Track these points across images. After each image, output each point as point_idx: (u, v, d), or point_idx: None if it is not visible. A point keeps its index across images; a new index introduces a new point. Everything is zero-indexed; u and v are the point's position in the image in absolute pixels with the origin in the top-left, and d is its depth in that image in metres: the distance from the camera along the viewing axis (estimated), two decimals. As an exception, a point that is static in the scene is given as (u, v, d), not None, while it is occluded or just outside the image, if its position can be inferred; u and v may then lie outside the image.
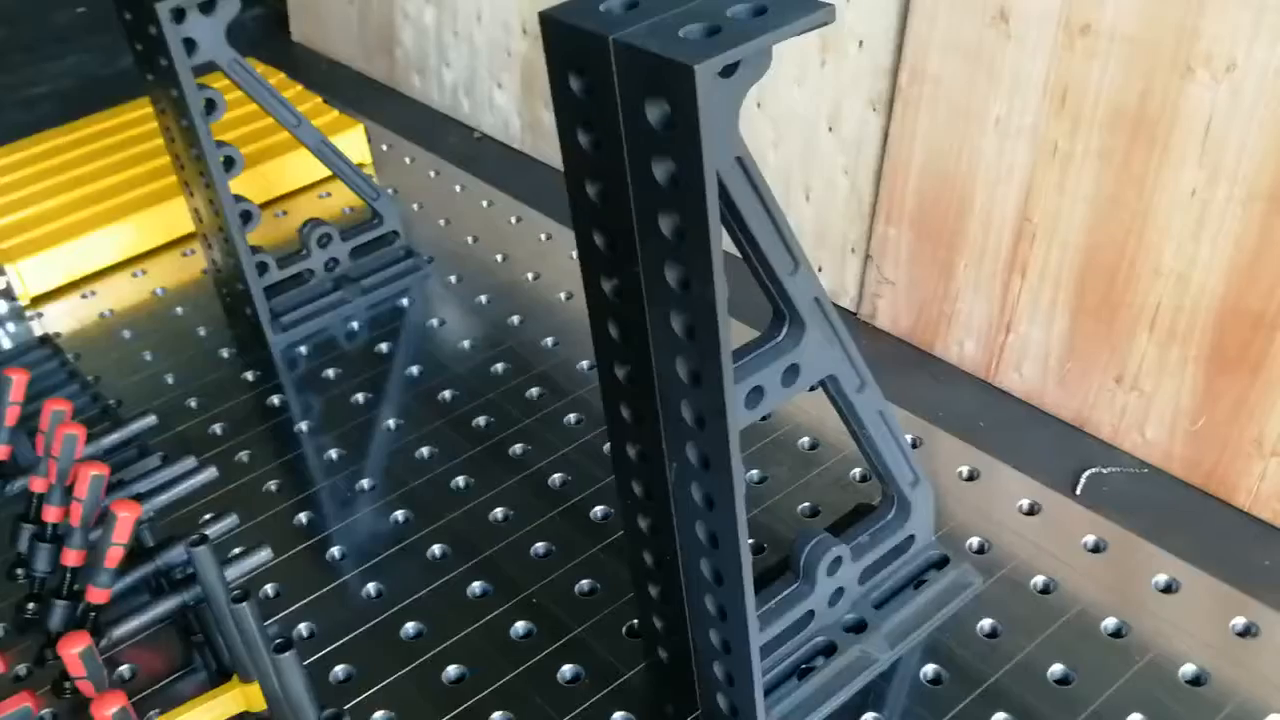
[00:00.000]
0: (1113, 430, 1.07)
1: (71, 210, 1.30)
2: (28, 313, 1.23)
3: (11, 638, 0.82)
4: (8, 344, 1.19)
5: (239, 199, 1.07)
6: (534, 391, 1.03)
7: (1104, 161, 1.00)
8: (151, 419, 0.94)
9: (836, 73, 1.20)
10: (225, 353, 1.13)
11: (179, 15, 0.98)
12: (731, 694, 0.70)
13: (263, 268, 1.12)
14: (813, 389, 0.68)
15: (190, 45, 0.99)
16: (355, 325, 1.15)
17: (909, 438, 0.91)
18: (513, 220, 1.28)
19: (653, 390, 0.61)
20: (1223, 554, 0.87)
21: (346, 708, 0.76)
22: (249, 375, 1.10)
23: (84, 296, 1.24)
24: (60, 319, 1.22)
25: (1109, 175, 1.00)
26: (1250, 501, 0.99)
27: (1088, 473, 1.05)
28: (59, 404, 0.84)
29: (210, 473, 0.88)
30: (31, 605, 0.82)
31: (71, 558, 0.78)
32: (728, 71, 0.51)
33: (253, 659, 0.69)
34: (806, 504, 0.88)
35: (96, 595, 0.75)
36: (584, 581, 0.84)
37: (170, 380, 1.10)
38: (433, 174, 1.40)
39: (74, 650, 0.68)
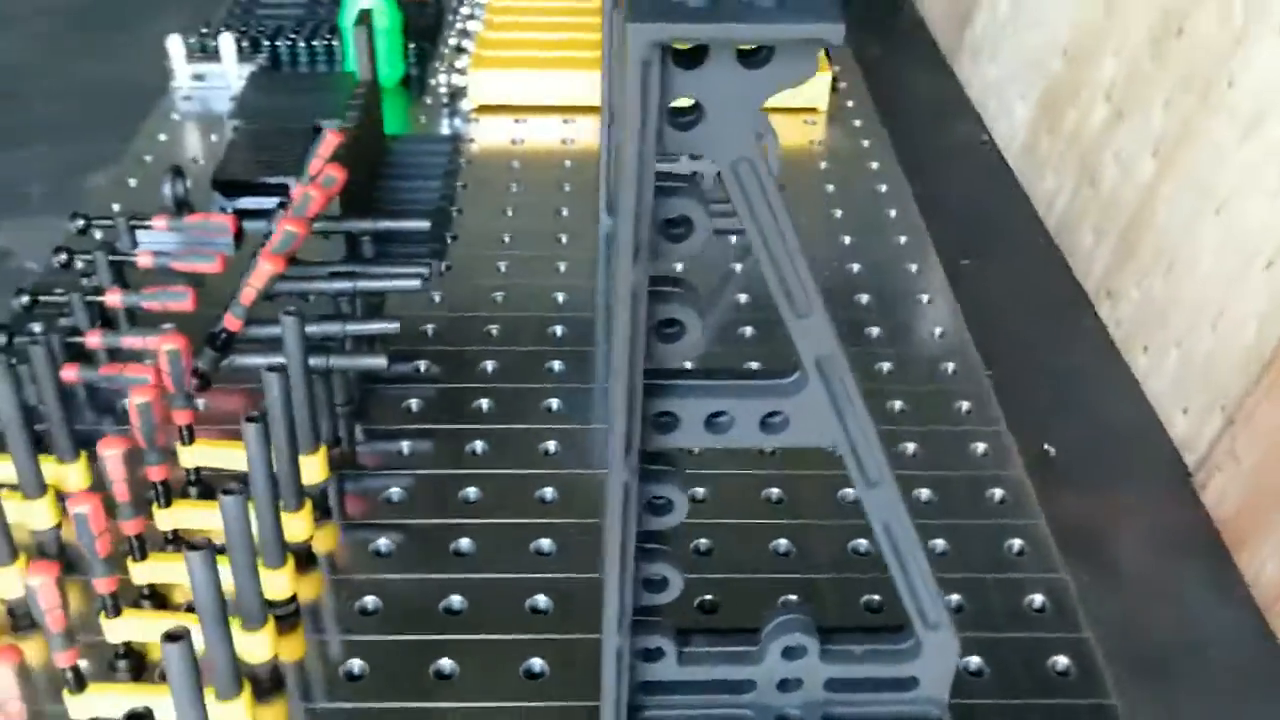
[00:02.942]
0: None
1: (551, 47, 1.39)
2: (468, 118, 1.35)
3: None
4: (447, 130, 1.32)
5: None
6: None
7: None
8: (424, 224, 1.01)
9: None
10: (563, 235, 1.18)
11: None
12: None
13: (628, 153, 1.15)
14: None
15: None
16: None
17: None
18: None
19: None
20: None
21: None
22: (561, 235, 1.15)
23: (516, 121, 1.34)
24: (484, 132, 1.32)
25: None
26: None
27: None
28: (334, 170, 0.92)
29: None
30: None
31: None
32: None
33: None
34: (875, 597, 0.77)
35: (232, 323, 0.83)
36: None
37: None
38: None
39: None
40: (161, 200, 1.05)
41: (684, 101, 0.48)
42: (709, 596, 0.77)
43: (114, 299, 0.90)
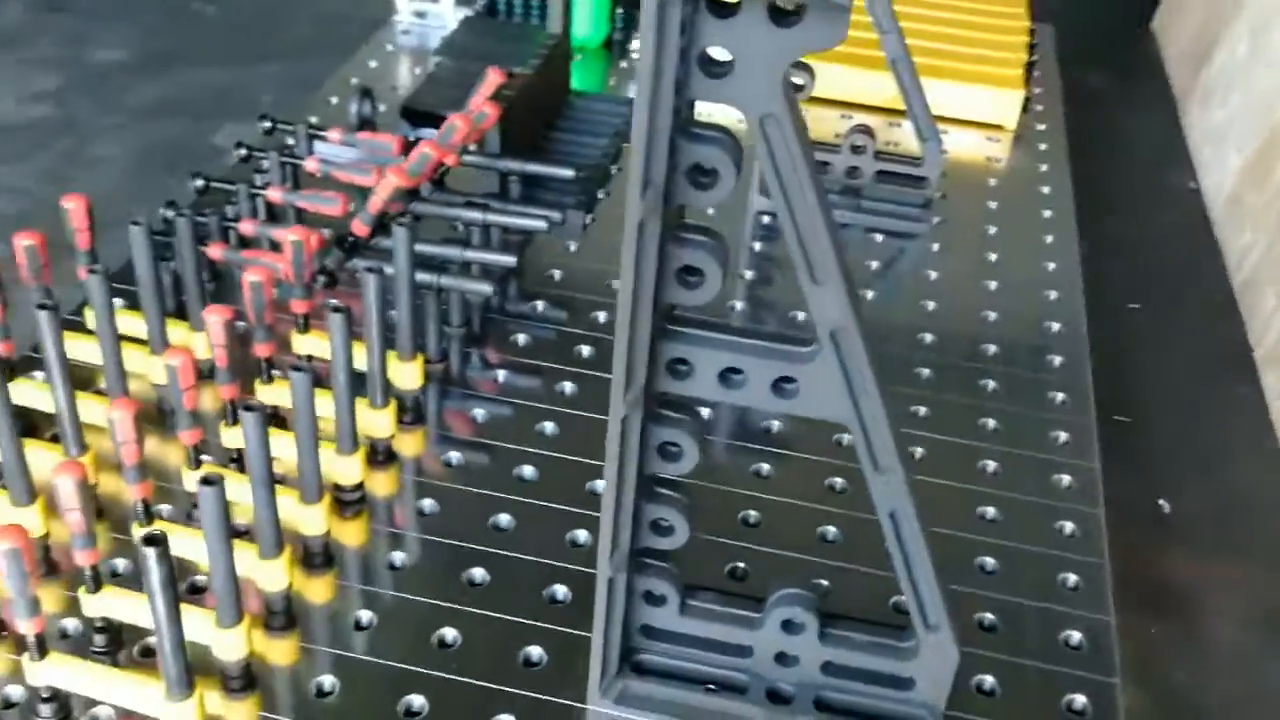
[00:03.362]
0: None
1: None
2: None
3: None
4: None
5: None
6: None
7: None
8: (569, 172, 1.04)
9: None
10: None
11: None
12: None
13: (791, 139, 1.16)
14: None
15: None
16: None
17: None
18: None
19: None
20: None
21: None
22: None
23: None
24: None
25: None
26: None
27: None
28: (489, 107, 0.97)
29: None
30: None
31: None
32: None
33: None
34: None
35: (358, 228, 0.89)
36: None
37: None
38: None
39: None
40: (348, 117, 1.13)
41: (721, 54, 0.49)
42: (741, 565, 0.77)
43: (274, 195, 0.98)
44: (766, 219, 1.16)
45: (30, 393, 0.81)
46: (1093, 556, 0.80)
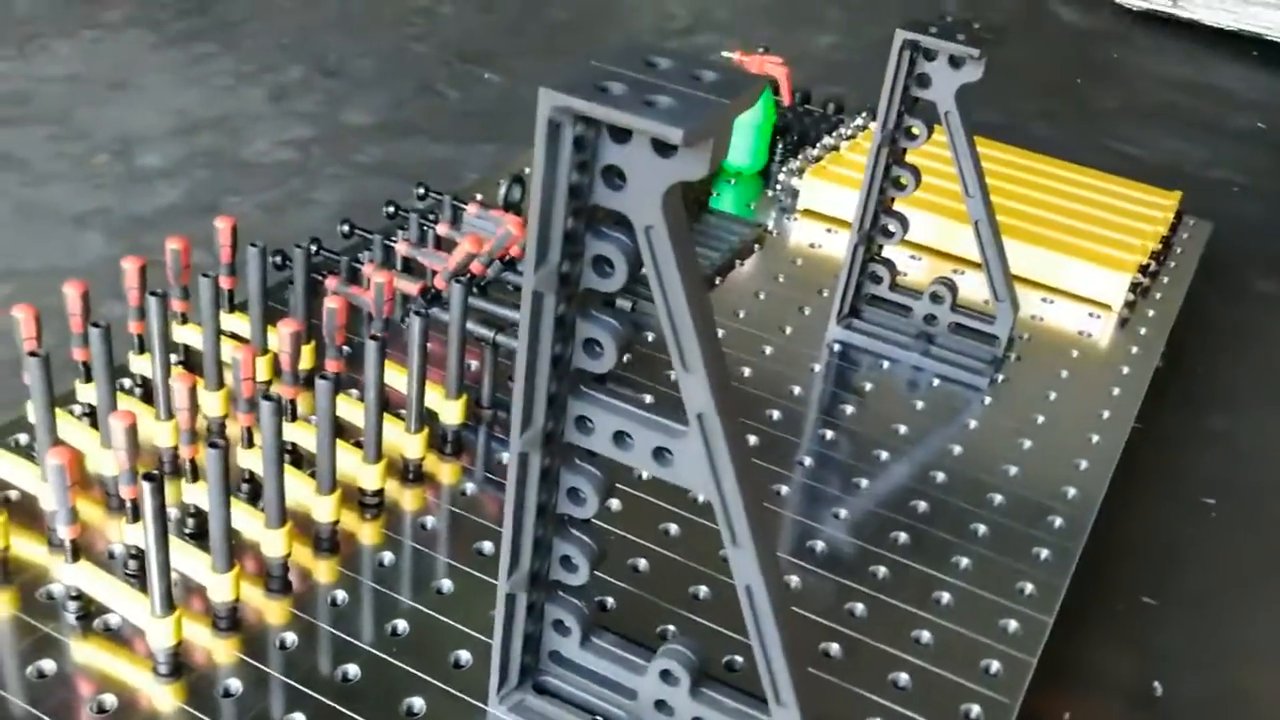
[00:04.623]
0: None
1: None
2: (791, 216, 1.50)
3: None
4: (770, 223, 1.48)
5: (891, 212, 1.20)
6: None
7: None
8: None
9: None
10: (789, 328, 1.29)
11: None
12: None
13: (876, 279, 1.24)
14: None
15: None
16: (897, 371, 1.22)
17: None
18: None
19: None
20: None
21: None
22: (787, 329, 1.26)
23: (828, 230, 1.47)
24: (795, 230, 1.47)
25: None
26: None
27: None
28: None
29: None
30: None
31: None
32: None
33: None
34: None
35: (439, 282, 1.04)
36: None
37: (744, 315, 1.30)
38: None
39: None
40: (500, 197, 1.30)
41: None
42: (739, 658, 0.85)
43: (401, 247, 1.14)
44: (838, 347, 1.24)
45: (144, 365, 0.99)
46: (1005, 697, 0.84)
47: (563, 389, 0.68)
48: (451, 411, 0.99)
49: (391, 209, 1.23)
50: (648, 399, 1.02)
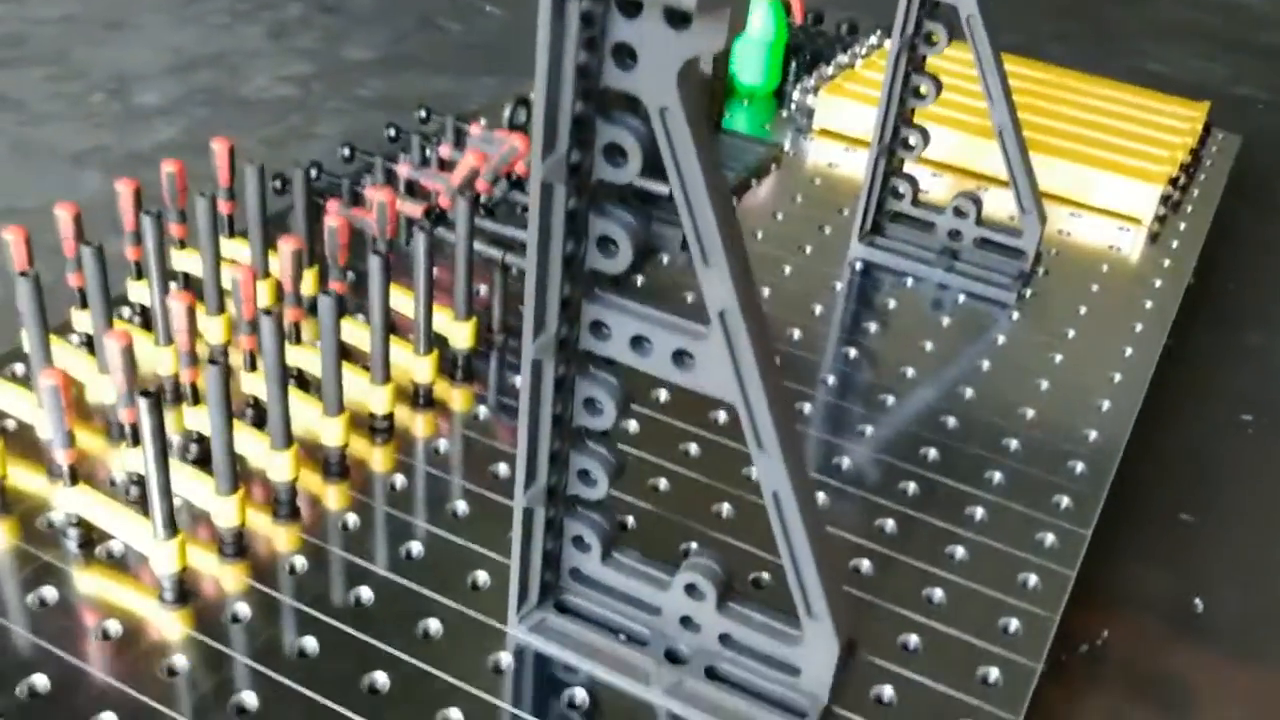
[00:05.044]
0: None
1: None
2: (807, 136, 1.45)
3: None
4: (786, 144, 1.43)
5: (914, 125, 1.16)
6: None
7: None
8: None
9: None
10: (809, 247, 1.25)
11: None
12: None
13: (898, 195, 1.20)
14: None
15: None
16: (921, 289, 1.18)
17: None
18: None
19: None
20: None
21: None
22: (807, 248, 1.22)
23: (845, 149, 1.42)
24: (811, 150, 1.42)
25: None
26: None
27: None
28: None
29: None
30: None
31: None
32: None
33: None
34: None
35: (443, 200, 1.00)
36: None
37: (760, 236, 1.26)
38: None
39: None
40: (504, 119, 1.26)
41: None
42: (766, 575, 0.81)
43: (403, 169, 1.10)
44: (860, 265, 1.20)
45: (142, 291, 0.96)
46: (1044, 610, 0.81)
47: (576, 292, 0.64)
48: (461, 334, 0.95)
49: (393, 131, 1.19)
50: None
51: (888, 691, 0.74)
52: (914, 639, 0.78)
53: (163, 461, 0.70)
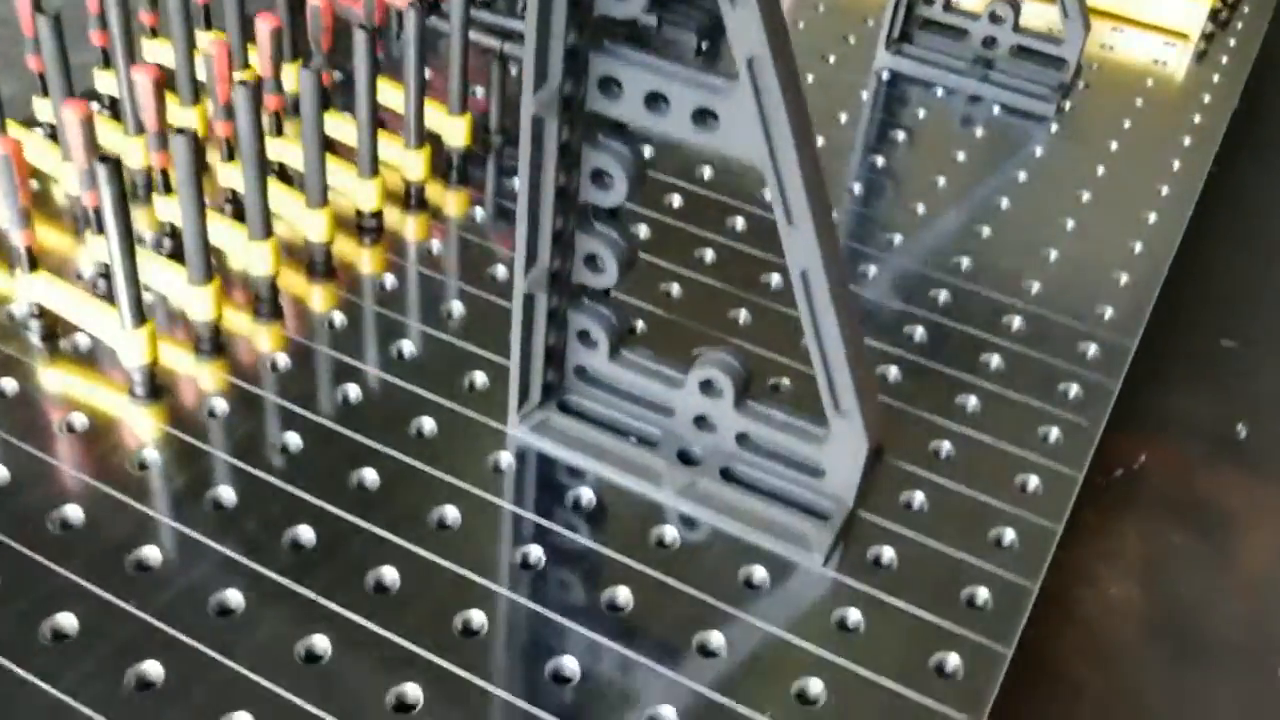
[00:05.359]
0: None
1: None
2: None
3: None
4: None
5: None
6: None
7: None
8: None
9: None
10: (833, 57, 1.17)
11: None
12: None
13: (928, 0, 1.11)
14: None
15: None
16: (952, 102, 1.10)
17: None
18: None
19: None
20: None
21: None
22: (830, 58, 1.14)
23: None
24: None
25: None
26: None
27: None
28: None
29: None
30: None
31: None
32: None
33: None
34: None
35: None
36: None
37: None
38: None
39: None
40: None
41: None
42: (786, 380, 0.75)
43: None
44: (888, 75, 1.12)
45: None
46: (1084, 419, 0.75)
47: (584, 42, 0.57)
48: (456, 131, 0.88)
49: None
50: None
51: (918, 497, 0.68)
52: (946, 445, 0.72)
53: (127, 240, 0.63)
